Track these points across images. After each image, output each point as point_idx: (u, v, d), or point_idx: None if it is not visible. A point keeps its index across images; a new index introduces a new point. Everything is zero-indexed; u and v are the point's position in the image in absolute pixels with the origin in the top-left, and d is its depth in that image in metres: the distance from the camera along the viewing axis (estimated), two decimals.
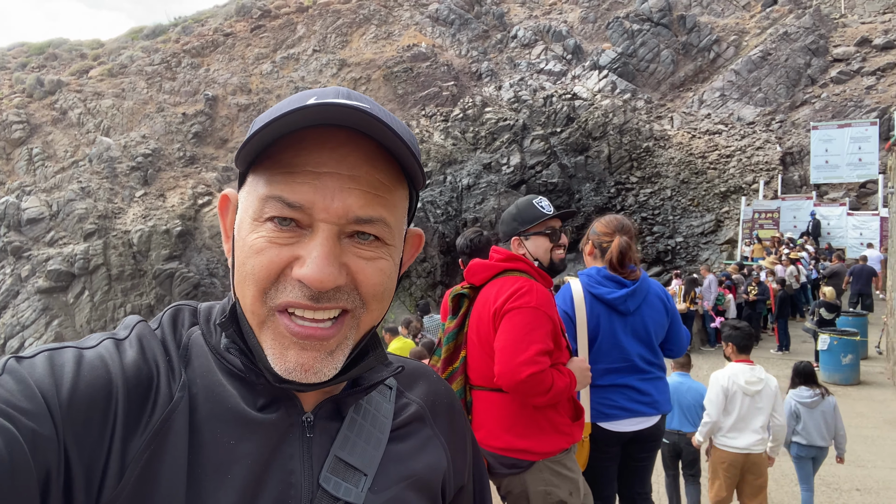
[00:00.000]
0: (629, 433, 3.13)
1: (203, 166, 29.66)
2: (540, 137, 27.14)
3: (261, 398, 0.74)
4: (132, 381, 0.69)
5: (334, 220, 0.70)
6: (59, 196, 27.32)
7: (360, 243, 0.73)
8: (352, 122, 0.69)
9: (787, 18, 28.84)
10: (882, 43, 26.23)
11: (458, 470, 0.92)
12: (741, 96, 27.42)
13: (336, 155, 0.70)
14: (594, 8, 33.96)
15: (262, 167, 0.72)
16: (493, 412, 2.62)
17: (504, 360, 2.46)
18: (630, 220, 3.35)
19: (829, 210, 21.96)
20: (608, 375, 3.10)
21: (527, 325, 2.49)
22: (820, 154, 23.32)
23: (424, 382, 0.94)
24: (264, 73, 33.20)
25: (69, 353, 0.69)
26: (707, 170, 25.10)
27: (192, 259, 26.70)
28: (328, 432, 0.78)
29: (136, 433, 0.67)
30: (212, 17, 38.70)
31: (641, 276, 3.21)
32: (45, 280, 25.05)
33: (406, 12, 35.93)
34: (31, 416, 0.60)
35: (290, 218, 0.70)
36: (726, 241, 23.23)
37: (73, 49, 37.64)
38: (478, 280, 2.74)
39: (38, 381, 0.64)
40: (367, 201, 0.71)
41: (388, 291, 0.77)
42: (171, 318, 0.80)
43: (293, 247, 0.70)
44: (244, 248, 0.72)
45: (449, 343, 2.76)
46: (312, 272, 0.68)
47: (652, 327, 3.20)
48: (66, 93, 31.52)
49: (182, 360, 0.74)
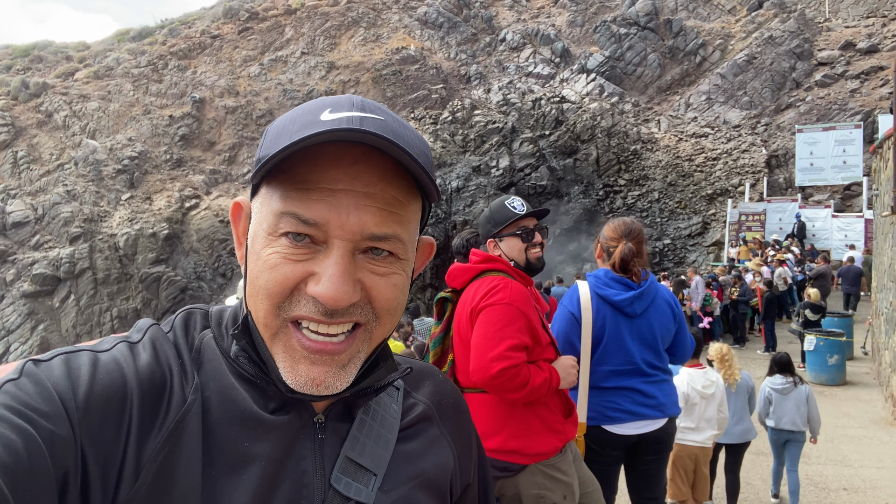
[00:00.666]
0: (633, 436, 3.10)
1: (190, 169, 29.50)
2: (529, 140, 27.24)
3: (272, 402, 0.76)
4: (146, 384, 0.70)
5: (349, 238, 0.70)
6: (45, 199, 27.08)
7: (374, 259, 0.73)
8: (368, 140, 0.69)
9: (772, 22, 29.14)
10: (866, 47, 26.57)
11: (465, 468, 0.94)
12: (727, 100, 27.67)
13: (351, 172, 0.70)
14: (582, 11, 34.15)
15: (275, 181, 0.72)
16: (482, 413, 2.59)
17: (476, 356, 2.46)
18: (640, 222, 3.33)
19: (814, 212, 22.20)
20: (612, 378, 3.08)
21: (499, 321, 2.49)
22: (805, 157, 23.57)
23: (431, 382, 0.96)
24: (252, 75, 33.09)
25: (85, 356, 0.70)
26: (694, 172, 25.29)
27: (180, 262, 26.54)
28: (338, 433, 0.80)
29: (151, 434, 0.68)
30: (199, 19, 38.55)
31: (649, 279, 3.20)
32: (31, 284, 24.80)
33: (395, 15, 35.95)
34: (49, 418, 0.61)
35: (304, 234, 0.70)
36: (713, 243, 23.41)
37: (58, 51, 37.35)
38: (458, 283, 2.75)
39: (55, 383, 0.65)
40: (383, 219, 0.72)
41: (400, 305, 0.77)
42: (183, 321, 0.81)
43: (308, 263, 0.70)
44: (258, 262, 0.72)
45: (436, 348, 2.76)
46: (328, 290, 0.68)
47: (659, 332, 3.19)
48: (52, 95, 31.26)
49: (195, 363, 0.75)
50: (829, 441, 7.19)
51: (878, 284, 11.88)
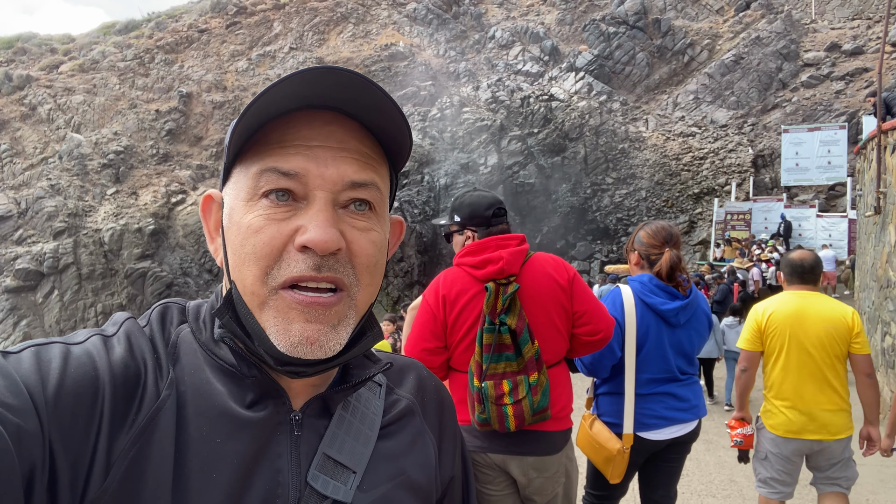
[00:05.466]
0: (665, 441, 3.07)
1: (177, 164, 29.26)
2: (517, 138, 27.26)
3: (250, 393, 0.74)
4: (119, 378, 0.68)
5: (330, 188, 0.72)
6: (28, 193, 26.75)
7: (354, 213, 0.74)
8: (336, 101, 0.72)
9: (759, 23, 29.34)
10: (851, 48, 26.83)
11: (448, 462, 0.93)
12: (714, 99, 27.84)
13: (325, 131, 0.73)
14: (571, 10, 34.21)
15: (250, 152, 0.74)
16: (561, 381, 2.68)
17: (603, 312, 2.66)
18: (676, 226, 3.28)
19: (799, 212, 22.39)
20: (649, 385, 3.05)
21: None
22: (791, 157, 23.77)
23: (414, 377, 0.95)
24: (240, 70, 32.85)
25: (56, 348, 0.68)
26: (681, 171, 25.44)
27: (165, 258, 26.33)
28: (316, 430, 0.78)
29: (123, 430, 0.66)
30: (186, 13, 38.19)
31: (693, 291, 3.17)
32: (14, 279, 24.51)
33: (384, 11, 35.83)
34: (16, 411, 0.60)
35: (285, 190, 0.71)
36: (699, 242, 23.58)
37: (42, 44, 36.87)
38: (517, 268, 2.58)
39: (24, 376, 0.63)
40: (360, 167, 0.74)
41: (379, 266, 0.78)
42: (159, 315, 0.80)
43: (291, 220, 0.71)
44: (240, 230, 0.72)
45: (528, 342, 2.50)
46: (317, 234, 0.69)
47: (696, 343, 3.18)
48: (36, 88, 30.88)
49: (170, 358, 0.74)
50: None
51: (861, 284, 12.00)
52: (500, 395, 2.44)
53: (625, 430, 3.00)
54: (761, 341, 3.48)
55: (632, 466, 3.12)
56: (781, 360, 3.38)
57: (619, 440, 2.99)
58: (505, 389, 2.43)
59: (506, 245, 2.59)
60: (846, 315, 3.32)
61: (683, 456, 3.24)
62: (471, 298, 2.56)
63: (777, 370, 3.40)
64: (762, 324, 3.49)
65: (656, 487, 3.26)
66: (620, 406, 3.04)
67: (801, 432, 3.35)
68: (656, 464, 3.20)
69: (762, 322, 3.48)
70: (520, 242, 2.63)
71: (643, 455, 3.11)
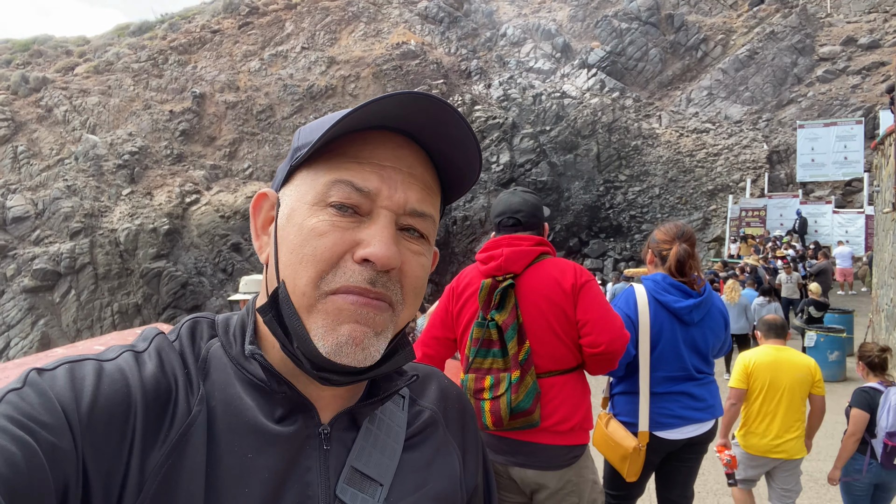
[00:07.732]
0: (682, 440, 3.07)
1: (191, 164, 29.48)
2: (529, 136, 27.19)
3: (279, 408, 0.75)
4: (151, 395, 0.69)
5: (394, 209, 0.74)
6: (45, 194, 27.07)
7: (409, 237, 0.77)
8: (414, 127, 0.74)
9: (773, 18, 29.06)
10: (867, 42, 26.50)
11: (472, 471, 0.93)
12: (728, 95, 27.62)
13: (397, 154, 0.75)
14: (583, 6, 34.06)
15: (322, 160, 0.75)
16: (567, 393, 2.54)
17: (611, 326, 2.49)
18: (690, 226, 3.35)
19: (815, 208, 22.17)
20: (665, 383, 3.05)
21: (602, 295, 2.63)
22: (806, 152, 23.54)
23: (436, 387, 0.95)
24: (252, 70, 33.02)
25: (89, 365, 0.69)
26: (695, 168, 25.26)
27: (180, 258, 26.54)
28: (344, 443, 0.79)
29: (155, 446, 0.67)
30: (199, 14, 38.43)
31: (707, 288, 3.16)
32: (31, 279, 24.82)
33: (395, 10, 35.86)
34: (51, 429, 0.61)
35: (350, 205, 0.73)
36: (714, 239, 23.41)
37: (58, 46, 37.25)
38: (519, 267, 2.61)
39: (58, 394, 0.64)
40: (423, 197, 0.77)
41: (422, 290, 0.80)
42: (189, 330, 0.81)
43: (353, 231, 0.72)
44: (302, 231, 0.73)
45: (514, 338, 2.55)
46: (381, 250, 0.70)
47: (711, 341, 3.17)
48: (52, 90, 31.22)
49: (200, 373, 0.75)
50: (829, 437, 7.18)
51: (879, 281, 11.87)
52: (479, 388, 2.47)
53: (640, 427, 3.00)
54: (747, 382, 4.25)
55: (648, 466, 3.10)
56: (760, 398, 4.20)
57: (635, 438, 2.99)
58: (486, 384, 2.45)
59: (516, 244, 2.61)
60: (810, 365, 4.28)
61: (700, 456, 3.23)
62: (474, 292, 2.63)
63: (756, 405, 4.23)
64: (749, 368, 4.25)
65: (673, 487, 3.26)
66: (636, 405, 3.04)
67: (768, 452, 4.22)
68: (673, 464, 3.20)
69: (749, 367, 4.26)
70: (534, 244, 2.62)
71: (660, 455, 3.11)
